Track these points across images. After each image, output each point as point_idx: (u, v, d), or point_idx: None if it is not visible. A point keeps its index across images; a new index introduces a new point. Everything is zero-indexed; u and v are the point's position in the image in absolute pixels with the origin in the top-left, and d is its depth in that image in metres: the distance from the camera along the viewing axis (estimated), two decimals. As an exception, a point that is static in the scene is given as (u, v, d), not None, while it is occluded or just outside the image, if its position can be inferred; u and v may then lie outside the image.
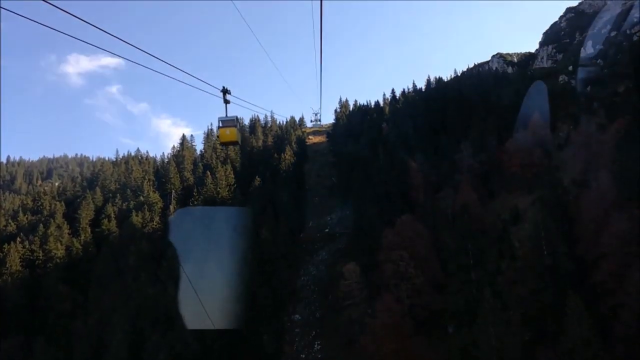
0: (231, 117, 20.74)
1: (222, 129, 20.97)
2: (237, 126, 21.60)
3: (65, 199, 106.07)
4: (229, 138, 21.25)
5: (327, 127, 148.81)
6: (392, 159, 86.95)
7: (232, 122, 20.98)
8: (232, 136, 21.10)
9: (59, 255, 77.23)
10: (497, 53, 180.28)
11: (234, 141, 21.57)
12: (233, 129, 20.98)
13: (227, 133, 20.99)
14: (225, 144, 22.12)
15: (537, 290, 46.89)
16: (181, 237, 76.19)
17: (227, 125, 21.06)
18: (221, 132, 21.01)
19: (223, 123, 20.98)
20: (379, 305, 52.93)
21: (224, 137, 21.07)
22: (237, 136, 21.30)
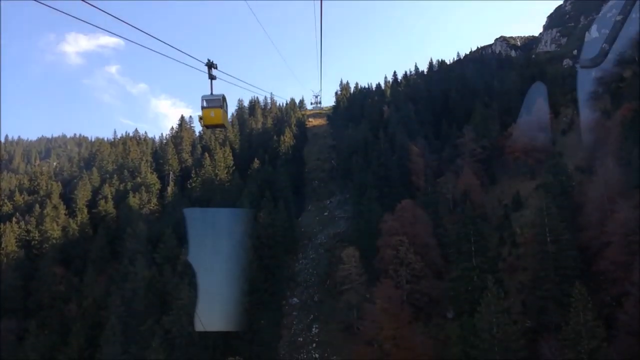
0: (216, 95, 18.23)
1: (205, 109, 18.44)
2: (224, 107, 18.91)
3: (62, 179, 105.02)
4: (213, 121, 18.67)
5: (328, 109, 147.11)
6: (393, 143, 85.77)
7: (218, 101, 18.39)
8: (217, 118, 18.53)
9: (55, 236, 76.36)
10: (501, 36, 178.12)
11: (220, 124, 18.96)
12: (218, 110, 18.43)
13: (211, 115, 18.48)
14: (209, 126, 19.58)
15: (539, 278, 46.12)
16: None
17: (212, 105, 18.55)
18: (205, 113, 18.50)
19: (207, 103, 18.50)
20: (378, 291, 52.28)
21: (208, 119, 18.50)
22: (223, 118, 18.71)
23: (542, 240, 47.18)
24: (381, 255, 60.33)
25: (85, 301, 52.75)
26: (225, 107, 18.95)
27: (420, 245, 60.79)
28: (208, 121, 18.52)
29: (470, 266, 47.98)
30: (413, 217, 63.33)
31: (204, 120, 18.53)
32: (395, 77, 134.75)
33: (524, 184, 79.17)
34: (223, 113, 18.57)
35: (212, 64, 16.50)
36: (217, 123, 18.84)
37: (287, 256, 70.67)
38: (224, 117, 18.68)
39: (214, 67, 16.58)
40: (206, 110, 18.38)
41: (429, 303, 58.50)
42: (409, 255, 57.40)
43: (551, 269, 45.44)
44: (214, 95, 18.15)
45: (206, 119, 18.45)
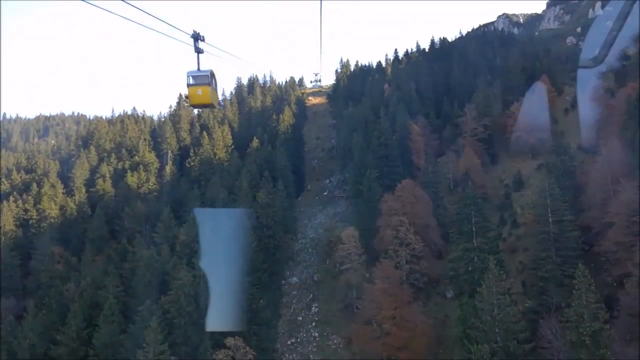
0: (204, 71, 16.38)
1: (192, 87, 16.64)
2: (213, 84, 17.05)
3: (59, 157, 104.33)
4: (201, 100, 16.83)
5: (328, 88, 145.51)
6: (394, 122, 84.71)
7: (206, 78, 16.56)
8: (205, 97, 16.67)
9: (52, 215, 75.99)
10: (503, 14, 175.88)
11: (208, 104, 17.17)
12: (206, 87, 16.62)
13: (198, 93, 16.65)
14: (196, 106, 17.92)
15: (540, 259, 45.73)
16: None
17: (199, 82, 16.68)
18: (191, 91, 16.69)
19: (194, 80, 16.66)
20: (378, 271, 51.94)
21: (195, 98, 16.69)
22: (212, 97, 16.90)
23: (544, 220, 46.65)
24: (381, 236, 59.91)
25: (83, 281, 52.44)
26: (214, 84, 17.25)
27: (421, 225, 60.33)
28: (195, 100, 16.88)
29: (470, 247, 47.58)
30: (413, 197, 62.69)
31: (190, 99, 16.92)
32: (397, 55, 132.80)
33: (525, 163, 78.43)
34: (212, 91, 16.86)
35: (198, 36, 14.90)
36: (205, 102, 17.10)
37: (287, 236, 70.27)
38: (212, 95, 17.00)
39: (200, 39, 14.97)
40: (192, 88, 16.75)
41: (429, 283, 58.39)
42: (409, 236, 56.94)
43: (552, 249, 45.05)
44: (201, 71, 16.42)
45: (192, 97, 16.81)
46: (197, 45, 14.92)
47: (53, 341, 45.35)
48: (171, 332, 43.42)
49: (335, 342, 55.80)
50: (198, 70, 16.29)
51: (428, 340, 48.15)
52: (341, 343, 55.31)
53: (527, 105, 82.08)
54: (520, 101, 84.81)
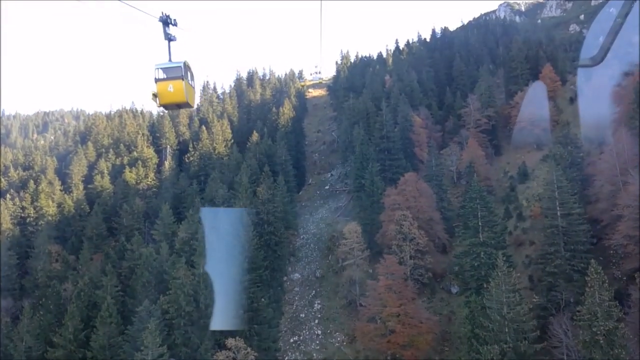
0: (176, 63, 13.56)
1: (161, 82, 13.59)
2: (189, 78, 14.09)
3: (57, 154, 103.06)
4: (173, 98, 13.65)
5: (328, 80, 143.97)
6: (395, 114, 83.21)
7: (178, 70, 13.56)
8: (178, 94, 13.56)
9: (50, 213, 74.82)
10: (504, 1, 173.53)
11: (182, 102, 13.95)
12: (179, 82, 13.54)
13: (169, 89, 13.52)
14: (168, 106, 14.50)
15: (548, 254, 44.47)
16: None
17: (171, 76, 13.59)
18: (160, 88, 13.59)
19: (164, 73, 13.66)
20: (381, 267, 50.76)
21: (165, 95, 13.57)
22: (187, 94, 13.69)
23: (552, 214, 45.32)
24: (384, 230, 58.76)
25: (81, 280, 51.25)
26: (190, 78, 14.36)
27: (424, 219, 59.14)
28: (165, 98, 13.75)
29: (477, 241, 46.39)
30: (416, 191, 61.45)
31: (159, 97, 13.73)
32: (397, 46, 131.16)
33: (530, 154, 77.13)
34: (186, 86, 13.90)
35: (168, 20, 12.49)
36: (178, 100, 13.93)
37: (288, 231, 69.06)
38: (188, 91, 13.86)
39: (171, 23, 12.51)
40: (162, 83, 13.71)
41: (433, 278, 57.27)
42: (413, 230, 55.69)
43: (561, 243, 43.76)
44: (173, 62, 13.64)
45: (162, 95, 13.69)
46: (167, 31, 12.68)
47: (50, 343, 44.27)
48: (170, 333, 42.37)
49: (338, 339, 54.68)
50: (169, 61, 13.66)
51: (433, 337, 47.17)
52: (345, 341, 54.20)
53: (531, 95, 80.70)
54: (524, 91, 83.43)
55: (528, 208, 61.63)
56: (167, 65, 13.70)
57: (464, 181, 71.94)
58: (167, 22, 12.56)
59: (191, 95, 14.30)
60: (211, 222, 51.47)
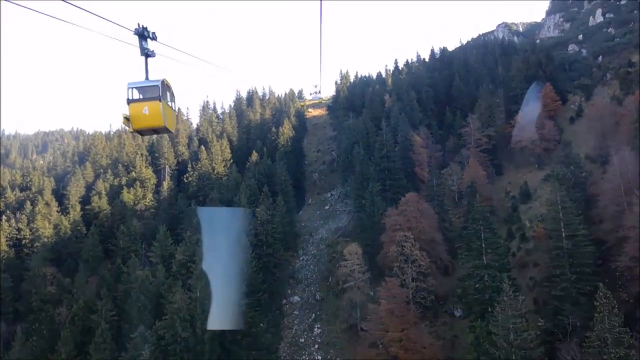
0: (153, 81, 11.88)
1: (134, 104, 11.84)
2: (168, 98, 12.35)
3: (55, 174, 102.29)
4: (148, 122, 11.89)
5: (328, 99, 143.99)
6: (396, 133, 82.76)
7: (155, 90, 11.86)
8: (154, 117, 11.77)
9: (46, 235, 73.80)
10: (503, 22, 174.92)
11: (159, 127, 12.04)
12: (156, 104, 11.79)
13: (144, 112, 11.78)
14: (142, 132, 12.53)
15: (554, 276, 43.39)
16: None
17: (146, 97, 11.91)
18: (132, 110, 11.82)
19: (139, 93, 11.97)
20: (383, 290, 49.64)
21: (139, 119, 11.77)
22: (165, 117, 11.87)
23: (557, 235, 44.39)
24: (385, 252, 57.74)
25: (75, 304, 50.12)
26: (169, 98, 12.46)
27: (426, 240, 58.17)
28: (139, 122, 11.85)
29: (480, 264, 45.28)
30: (418, 211, 60.58)
31: (133, 121, 11.77)
32: (397, 65, 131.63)
33: (531, 174, 76.48)
34: (165, 108, 11.98)
35: (145, 32, 11.04)
36: (154, 125, 11.99)
37: (287, 253, 68.00)
38: (166, 114, 11.99)
39: (148, 37, 11.09)
40: (136, 105, 11.86)
41: (436, 301, 56.04)
42: (415, 252, 54.66)
43: (567, 266, 42.72)
44: (149, 81, 11.88)
45: (136, 119, 11.77)
46: (143, 45, 11.11)
47: (42, 370, 43.09)
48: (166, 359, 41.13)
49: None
50: (146, 80, 11.88)
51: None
52: (345, 367, 52.82)
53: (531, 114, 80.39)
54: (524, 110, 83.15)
55: (531, 229, 60.64)
56: (142, 84, 11.96)
57: (465, 201, 71.05)
58: (143, 35, 11.03)
59: (170, 118, 12.43)
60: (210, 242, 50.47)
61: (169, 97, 12.46)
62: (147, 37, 11.04)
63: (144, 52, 11.18)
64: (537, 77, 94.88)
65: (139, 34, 10.93)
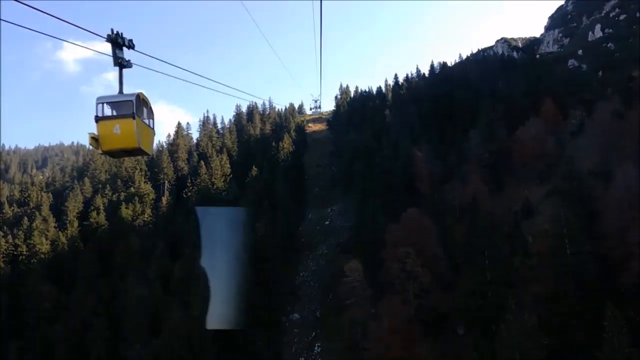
0: (126, 95, 10.46)
1: (104, 122, 10.41)
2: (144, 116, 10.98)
3: (53, 190, 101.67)
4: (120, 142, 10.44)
5: (328, 114, 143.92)
6: (396, 148, 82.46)
7: (128, 106, 10.41)
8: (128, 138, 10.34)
9: (43, 251, 72.91)
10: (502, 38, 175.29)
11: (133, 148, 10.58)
12: (129, 122, 10.31)
13: (115, 132, 10.32)
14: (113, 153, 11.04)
15: (559, 294, 42.56)
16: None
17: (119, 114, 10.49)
18: (102, 129, 10.36)
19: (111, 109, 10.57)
20: (385, 308, 48.84)
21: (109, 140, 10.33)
22: (139, 137, 10.40)
23: (561, 252, 43.67)
24: (386, 268, 56.86)
25: (71, 322, 49.19)
26: (145, 115, 11.06)
27: (428, 256, 57.27)
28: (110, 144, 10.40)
29: (484, 280, 44.45)
30: (419, 227, 59.84)
31: (102, 142, 10.31)
32: (397, 80, 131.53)
33: (533, 189, 75.80)
34: (140, 127, 10.56)
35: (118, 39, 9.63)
36: (127, 146, 10.53)
37: (287, 269, 67.15)
38: (141, 134, 10.54)
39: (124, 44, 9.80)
40: (106, 123, 10.43)
41: (438, 318, 55.04)
42: (416, 268, 53.86)
43: (571, 283, 41.92)
44: (122, 95, 10.51)
45: (106, 139, 10.32)
46: (117, 54, 9.82)
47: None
48: (163, 380, 40.16)
49: (340, 385, 52.18)
50: (119, 94, 10.48)
51: (440, 383, 44.83)
52: (347, 387, 51.70)
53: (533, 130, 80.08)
54: (525, 125, 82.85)
55: (534, 244, 59.73)
56: (113, 99, 10.49)
57: (467, 216, 70.25)
58: (116, 42, 9.62)
59: (147, 138, 10.88)
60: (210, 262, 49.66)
61: (145, 114, 11.08)
62: (122, 45, 9.78)
63: (117, 62, 9.92)
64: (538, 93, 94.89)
65: (112, 41, 9.67)
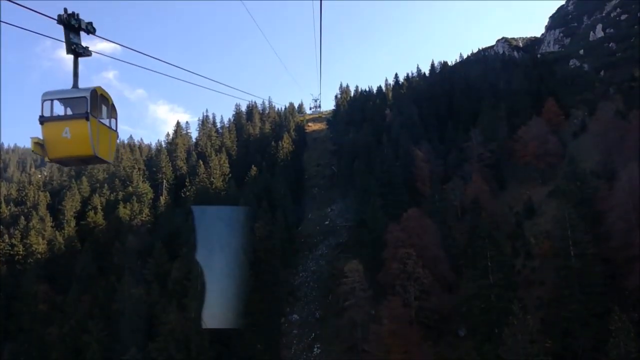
0: (79, 91, 8.43)
1: (50, 124, 8.43)
2: (104, 115, 9.09)
3: (50, 189, 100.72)
4: (70, 149, 8.41)
5: (327, 113, 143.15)
6: (397, 148, 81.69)
7: (81, 104, 8.40)
8: (80, 144, 8.33)
9: (40, 251, 72.04)
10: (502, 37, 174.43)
11: (87, 156, 8.52)
12: (82, 123, 8.30)
13: (64, 136, 8.31)
14: (63, 162, 9.00)
15: (563, 297, 41.81)
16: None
17: (70, 114, 8.49)
18: (47, 132, 8.40)
19: (63, 105, 8.59)
20: (385, 310, 48.11)
21: (57, 145, 8.37)
22: (93, 143, 8.36)
23: (565, 254, 42.93)
24: (387, 269, 56.12)
25: (66, 324, 48.40)
26: (104, 115, 9.12)
27: (429, 257, 56.55)
28: (58, 150, 8.40)
29: (486, 283, 43.69)
30: (420, 227, 59.14)
31: (48, 148, 8.37)
32: (397, 80, 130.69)
33: (535, 189, 75.12)
34: (96, 129, 8.57)
35: (72, 21, 7.91)
36: (80, 154, 8.50)
37: (286, 269, 66.35)
38: (98, 138, 8.56)
39: (80, 28, 7.99)
40: (52, 125, 8.43)
41: (439, 320, 54.29)
42: (417, 269, 53.07)
43: (576, 286, 41.16)
44: (74, 90, 8.49)
45: (52, 145, 8.35)
46: (71, 38, 7.99)
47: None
48: (159, 384, 39.39)
49: (339, 388, 51.44)
50: (72, 88, 8.52)
51: (442, 387, 44.12)
52: (346, 389, 50.95)
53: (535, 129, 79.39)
54: (527, 125, 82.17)
55: (536, 246, 59.06)
56: (63, 95, 8.45)
57: (468, 216, 69.57)
58: (69, 24, 7.82)
59: (106, 144, 8.83)
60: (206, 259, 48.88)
61: (105, 113, 9.10)
62: (77, 28, 8.00)
63: (70, 49, 8.04)
64: (540, 91, 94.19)
65: (63, 23, 7.90)
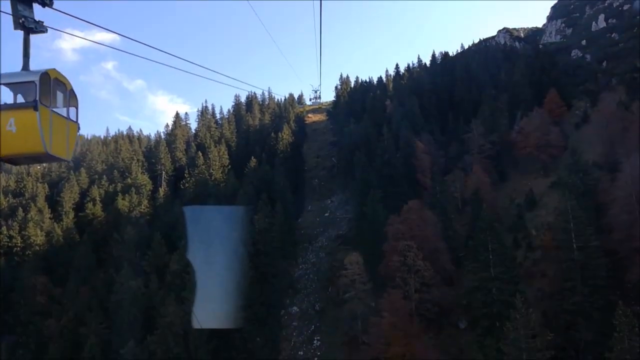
0: (27, 74, 7.27)
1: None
2: (58, 104, 7.81)
3: (49, 180, 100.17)
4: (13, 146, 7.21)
5: (328, 104, 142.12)
6: (397, 139, 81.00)
7: (29, 89, 7.19)
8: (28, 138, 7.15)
9: (38, 243, 71.67)
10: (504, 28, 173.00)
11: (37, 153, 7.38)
12: (30, 114, 7.06)
13: (7, 128, 7.05)
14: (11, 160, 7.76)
15: (565, 289, 41.42)
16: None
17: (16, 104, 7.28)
18: None
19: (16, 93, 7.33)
20: (385, 302, 47.72)
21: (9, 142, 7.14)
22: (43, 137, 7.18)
23: (567, 246, 42.46)
24: (387, 261, 55.69)
25: (65, 316, 48.08)
26: (60, 104, 7.77)
27: (429, 249, 56.11)
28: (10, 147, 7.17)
29: (488, 276, 43.25)
30: (421, 219, 58.67)
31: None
32: (397, 70, 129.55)
33: (536, 181, 74.57)
34: (48, 122, 7.37)
35: None
36: (28, 151, 7.37)
37: (286, 261, 65.98)
38: (49, 133, 7.35)
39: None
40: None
41: (440, 313, 53.98)
42: (418, 262, 52.65)
43: (578, 279, 40.76)
44: (21, 73, 7.32)
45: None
46: (19, 10, 6.91)
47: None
48: (157, 377, 39.10)
49: (340, 380, 51.22)
50: (20, 72, 7.35)
51: (442, 379, 43.87)
52: (346, 382, 50.72)
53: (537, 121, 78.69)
54: (528, 116, 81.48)
55: (538, 237, 58.65)
56: (9, 80, 7.21)
57: (469, 208, 69.12)
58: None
59: (61, 138, 7.60)
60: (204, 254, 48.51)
61: (60, 102, 7.82)
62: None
63: (19, 23, 6.88)
64: (541, 82, 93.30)
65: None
